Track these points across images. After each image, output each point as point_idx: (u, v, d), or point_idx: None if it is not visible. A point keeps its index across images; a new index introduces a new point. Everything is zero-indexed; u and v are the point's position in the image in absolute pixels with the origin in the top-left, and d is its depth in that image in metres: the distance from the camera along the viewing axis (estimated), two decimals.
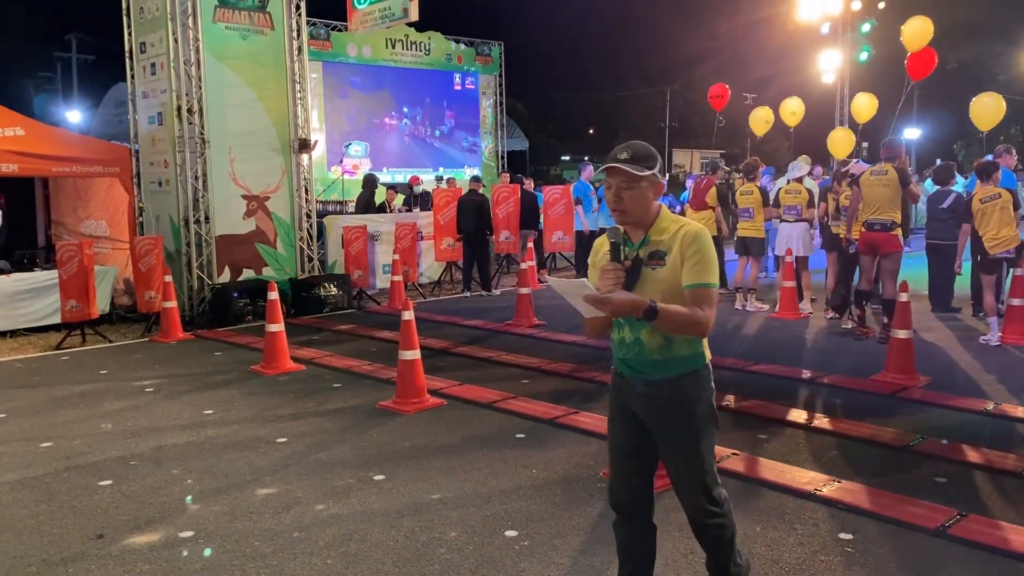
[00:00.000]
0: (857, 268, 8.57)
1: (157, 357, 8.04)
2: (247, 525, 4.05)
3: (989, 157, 9.28)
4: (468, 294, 11.83)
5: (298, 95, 10.64)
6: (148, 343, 8.77)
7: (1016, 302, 7.97)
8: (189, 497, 4.42)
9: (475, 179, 12.74)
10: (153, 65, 9.83)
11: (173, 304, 8.92)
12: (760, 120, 13.99)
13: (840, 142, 14.49)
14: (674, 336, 2.70)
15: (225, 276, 10.03)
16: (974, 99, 11.05)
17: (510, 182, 13.34)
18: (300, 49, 10.65)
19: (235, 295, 9.66)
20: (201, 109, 9.60)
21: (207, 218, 9.81)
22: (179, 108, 9.49)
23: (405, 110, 21.08)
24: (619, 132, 53.41)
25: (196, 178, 9.68)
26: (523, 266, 9.97)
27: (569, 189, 13.78)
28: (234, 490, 4.51)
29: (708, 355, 2.82)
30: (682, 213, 14.37)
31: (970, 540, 3.67)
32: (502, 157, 22.56)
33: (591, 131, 56.19)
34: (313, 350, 8.06)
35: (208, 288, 9.79)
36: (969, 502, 4.11)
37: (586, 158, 41.65)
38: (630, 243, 2.77)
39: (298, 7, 10.60)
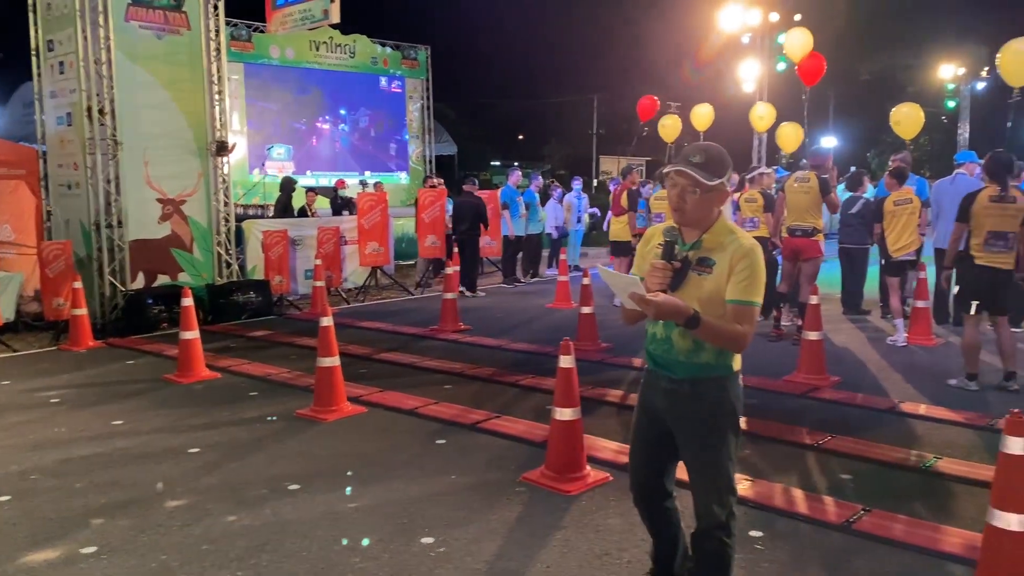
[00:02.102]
0: (778, 271, 8.80)
1: (65, 366, 7.73)
2: (154, 539, 3.92)
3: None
4: (469, 294, 11.98)
5: (216, 97, 10.39)
6: (56, 352, 8.43)
7: (921, 304, 8.31)
8: (93, 511, 4.25)
9: (469, 182, 12.85)
10: (61, 64, 9.46)
11: (83, 311, 8.59)
12: (669, 128, 14.34)
13: (788, 137, 14.97)
14: (706, 343, 2.71)
15: (139, 282, 9.71)
16: (894, 109, 11.41)
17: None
18: (218, 50, 10.39)
19: (149, 301, 9.36)
20: (113, 110, 9.28)
21: (120, 222, 9.48)
22: (89, 109, 9.14)
23: (327, 117, 20.82)
24: (548, 138, 53.83)
25: (108, 181, 9.35)
26: (448, 271, 9.92)
27: (497, 194, 13.81)
28: (141, 503, 4.36)
29: (737, 365, 2.82)
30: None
31: (873, 534, 3.80)
32: (430, 161, 22.47)
33: (520, 137, 56.47)
34: (230, 358, 7.86)
35: (121, 295, 9.46)
36: (873, 498, 4.24)
37: (515, 163, 41.86)
38: (682, 243, 2.76)
39: (216, 7, 10.35)
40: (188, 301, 7.16)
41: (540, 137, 54.06)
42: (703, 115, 14.78)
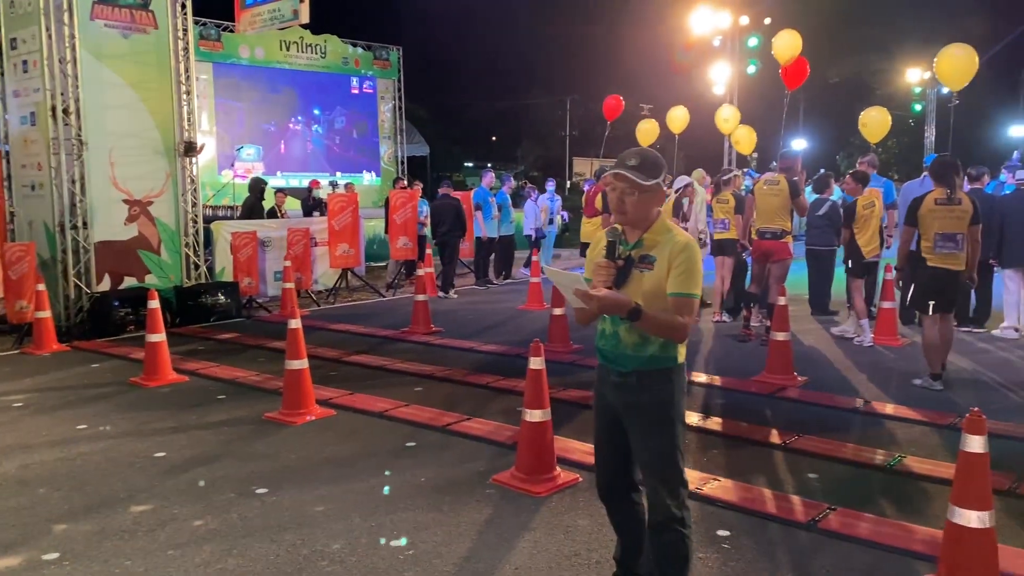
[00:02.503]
0: (748, 272, 8.89)
1: (28, 370, 7.59)
2: (118, 545, 3.86)
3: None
4: (443, 295, 12.15)
5: (184, 96, 10.28)
6: (19, 356, 8.28)
7: (887, 305, 8.42)
8: (55, 517, 4.19)
9: (445, 184, 13.00)
10: (25, 62, 9.29)
11: (47, 314, 8.45)
12: (645, 131, 14.44)
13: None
14: (650, 336, 2.84)
15: (105, 284, 9.56)
16: (863, 112, 11.56)
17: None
18: (186, 49, 10.28)
19: (115, 304, 9.23)
20: (78, 109, 9.14)
21: (85, 223, 9.33)
22: (53, 108, 9.00)
23: (300, 118, 20.68)
24: (521, 140, 53.91)
25: (73, 182, 9.20)
26: (420, 272, 9.89)
27: (470, 195, 13.81)
28: (105, 508, 4.30)
29: (682, 358, 2.93)
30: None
31: (838, 532, 3.84)
32: (402, 162, 22.40)
33: (493, 138, 56.47)
34: (197, 361, 7.78)
35: (86, 297, 9.32)
36: (839, 496, 4.29)
37: (488, 164, 41.84)
38: (625, 243, 2.90)
39: (184, 6, 10.23)
40: (154, 303, 7.07)
41: (513, 139, 54.14)
42: (678, 118, 14.89)
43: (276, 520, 4.12)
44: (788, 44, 11.42)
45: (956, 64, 8.56)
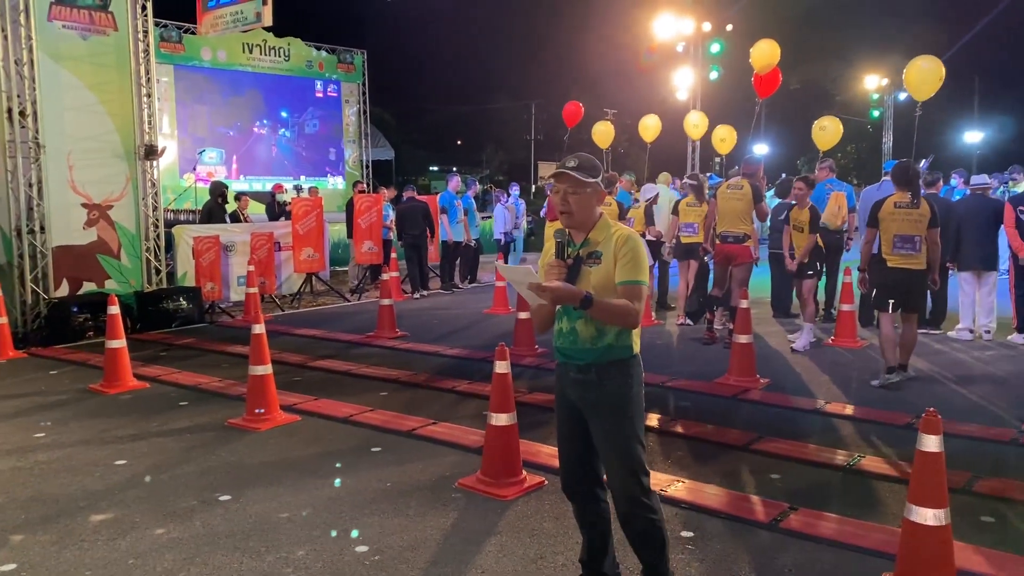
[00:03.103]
0: (711, 276, 8.98)
1: None
2: (77, 554, 3.80)
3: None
4: (417, 295, 12.63)
5: (145, 99, 10.14)
6: None
7: (846, 308, 8.57)
8: (12, 527, 4.10)
9: (409, 188, 13.36)
10: None
11: (3, 320, 8.28)
12: (601, 133, 14.49)
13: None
14: (605, 328, 2.95)
15: (63, 290, 9.40)
16: (816, 122, 11.72)
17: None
18: (147, 51, 10.15)
19: (74, 310, 9.07)
20: (35, 112, 8.98)
21: (43, 228, 9.17)
22: (9, 110, 8.83)
23: (266, 121, 20.48)
24: (486, 144, 53.93)
25: (30, 185, 9.03)
26: (384, 277, 9.86)
27: (435, 199, 13.79)
28: (64, 517, 4.22)
29: (637, 348, 3.05)
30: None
31: (799, 532, 3.90)
32: (367, 166, 22.29)
33: (459, 142, 56.43)
34: (159, 367, 7.67)
35: (44, 303, 9.15)
36: (800, 496, 4.36)
37: (454, 168, 41.79)
38: (573, 243, 3.04)
39: (144, 8, 10.10)
40: (114, 309, 6.96)
41: (478, 143, 54.12)
42: (650, 127, 14.98)
43: (240, 527, 4.08)
44: (766, 53, 11.58)
45: (923, 75, 8.78)
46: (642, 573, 3.14)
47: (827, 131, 11.15)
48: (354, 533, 3.98)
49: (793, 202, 9.94)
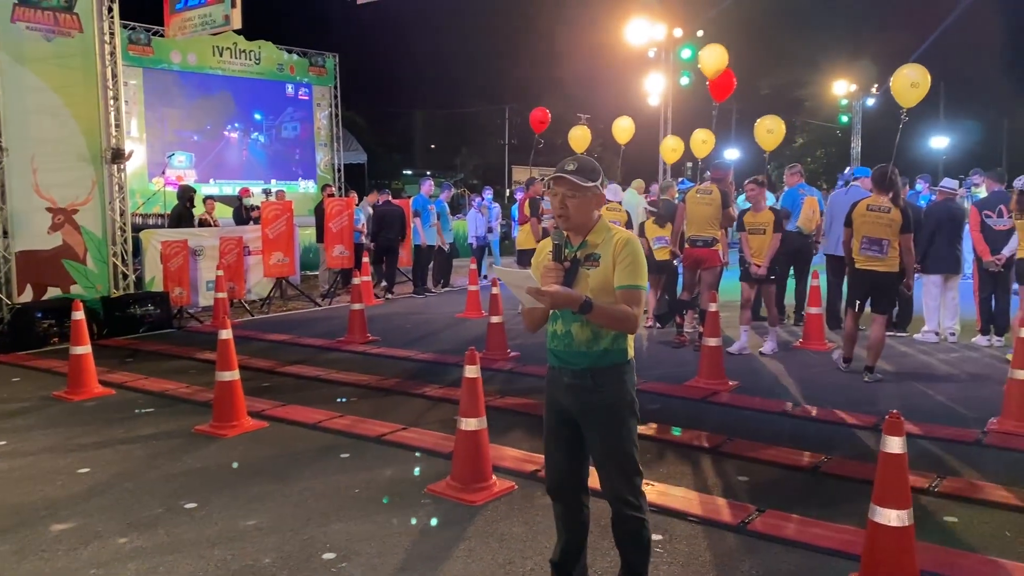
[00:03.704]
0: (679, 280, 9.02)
1: None
2: (37, 565, 3.73)
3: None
4: (391, 296, 12.99)
5: (111, 102, 10.01)
6: None
7: (814, 311, 8.66)
8: None
9: (382, 191, 13.65)
10: None
11: None
12: (577, 138, 14.52)
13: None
14: (601, 332, 2.92)
15: (27, 295, 9.23)
16: (759, 123, 11.67)
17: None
18: (113, 53, 10.02)
19: (39, 315, 8.92)
20: None
21: (6, 232, 9.01)
22: None
23: (238, 124, 20.31)
24: (460, 148, 53.88)
25: None
26: (356, 281, 9.80)
27: (408, 203, 13.74)
28: (25, 527, 4.14)
29: (631, 353, 3.03)
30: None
31: (766, 534, 3.93)
32: (339, 170, 22.17)
33: (432, 146, 56.32)
34: (125, 373, 7.56)
35: (7, 308, 8.99)
36: (767, 498, 4.39)
37: (427, 172, 41.69)
38: (570, 245, 3.00)
39: (111, 9, 9.98)
40: (79, 314, 6.86)
41: (452, 147, 54.04)
42: (624, 128, 15.01)
43: (205, 535, 4.02)
44: (715, 58, 11.73)
45: (908, 84, 8.86)
46: (621, 574, 3.15)
47: (772, 135, 11.16)
48: (322, 540, 3.95)
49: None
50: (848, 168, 14.82)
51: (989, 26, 38.69)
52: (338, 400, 6.60)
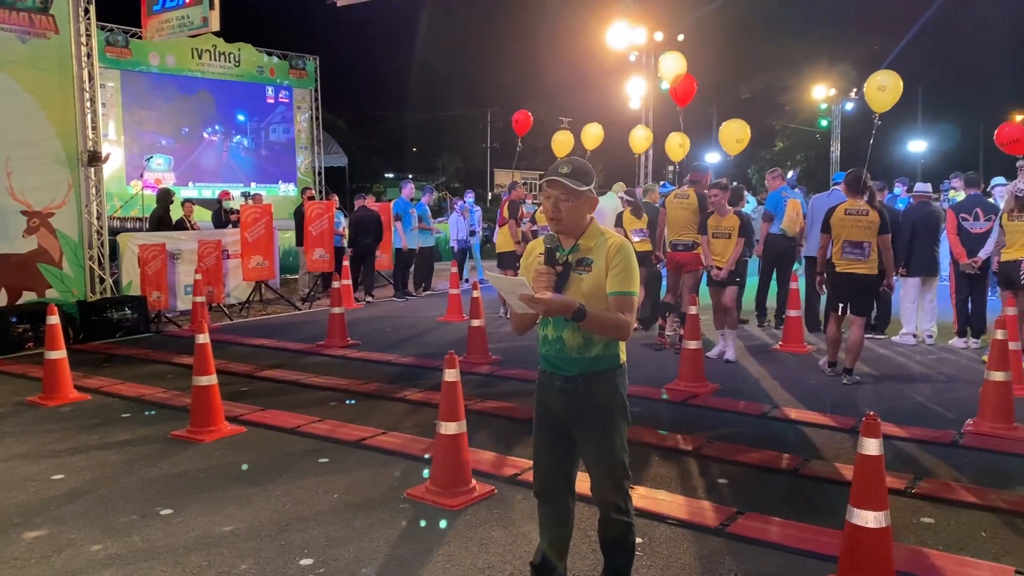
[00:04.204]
0: (663, 282, 9.04)
1: None
2: (9, 573, 3.67)
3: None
4: (370, 299, 13.06)
5: (88, 104, 9.90)
6: None
7: (793, 313, 8.70)
8: None
9: (361, 196, 13.72)
10: None
11: None
12: (560, 143, 14.57)
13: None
14: (593, 337, 2.90)
15: (2, 299, 9.11)
16: (724, 124, 11.65)
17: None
18: (90, 55, 9.91)
19: (13, 320, 8.80)
20: None
21: None
22: None
23: (218, 127, 20.17)
24: (442, 151, 53.85)
25: None
26: (335, 284, 9.74)
27: (389, 206, 13.70)
28: None
29: (623, 358, 3.01)
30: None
31: (745, 536, 3.93)
32: (319, 173, 22.06)
33: (414, 149, 56.24)
34: (102, 378, 7.47)
35: None
36: (747, 501, 4.40)
37: (409, 176, 41.65)
38: (562, 249, 2.97)
39: (87, 11, 9.87)
40: (54, 319, 6.77)
41: (434, 150, 53.99)
42: (593, 135, 15.07)
43: (181, 542, 3.98)
44: (673, 65, 11.95)
45: (876, 88, 8.95)
46: (602, 573, 3.15)
47: (736, 137, 11.14)
48: (299, 545, 3.91)
49: (744, 210, 10.09)
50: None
51: (967, 31, 39.20)
52: (324, 404, 6.55)
